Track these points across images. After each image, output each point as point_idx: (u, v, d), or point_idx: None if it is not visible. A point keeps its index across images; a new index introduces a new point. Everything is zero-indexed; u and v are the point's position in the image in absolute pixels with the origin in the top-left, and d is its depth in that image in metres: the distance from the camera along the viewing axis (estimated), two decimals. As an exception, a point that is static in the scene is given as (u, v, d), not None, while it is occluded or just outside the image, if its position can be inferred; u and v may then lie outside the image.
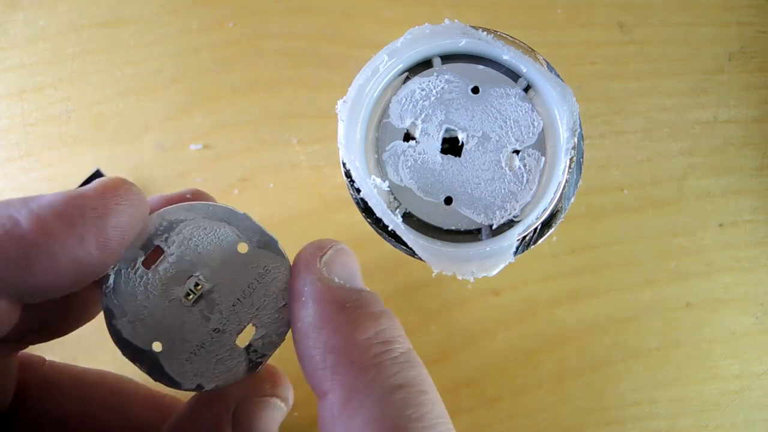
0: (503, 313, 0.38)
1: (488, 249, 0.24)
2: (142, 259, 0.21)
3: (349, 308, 0.20)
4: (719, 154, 0.39)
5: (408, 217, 0.25)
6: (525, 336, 0.37)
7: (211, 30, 0.39)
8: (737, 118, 0.39)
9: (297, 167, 0.38)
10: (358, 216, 0.25)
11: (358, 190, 0.25)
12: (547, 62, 0.25)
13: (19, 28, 0.40)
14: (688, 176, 0.39)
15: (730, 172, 0.39)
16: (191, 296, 0.22)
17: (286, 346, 0.22)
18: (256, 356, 0.22)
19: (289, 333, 0.22)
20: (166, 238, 0.22)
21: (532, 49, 0.25)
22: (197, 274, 0.22)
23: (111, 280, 0.21)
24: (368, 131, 0.26)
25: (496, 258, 0.24)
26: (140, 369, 0.21)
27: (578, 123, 0.24)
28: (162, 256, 0.22)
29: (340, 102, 0.25)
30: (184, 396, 0.24)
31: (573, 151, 0.24)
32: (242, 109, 0.39)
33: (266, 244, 0.23)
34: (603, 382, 0.37)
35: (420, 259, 0.25)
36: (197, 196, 0.24)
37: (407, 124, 0.25)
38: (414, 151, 0.25)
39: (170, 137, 0.39)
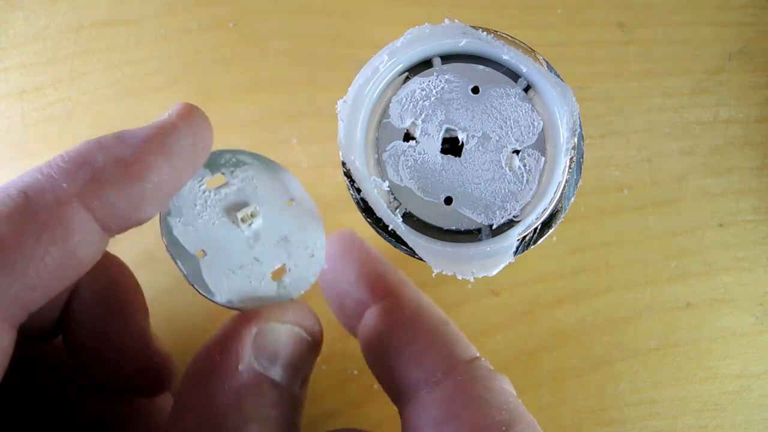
0: (503, 313, 0.38)
1: (488, 249, 0.24)
2: (208, 178, 0.24)
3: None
4: (719, 153, 0.39)
5: (408, 217, 0.25)
6: (525, 336, 0.37)
7: (211, 30, 0.39)
8: (738, 118, 0.39)
9: (297, 167, 0.38)
10: (358, 216, 0.25)
11: (358, 190, 0.25)
12: (547, 62, 0.25)
13: (19, 28, 0.40)
14: (688, 176, 0.39)
15: (730, 172, 0.39)
16: (246, 221, 0.24)
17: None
18: (284, 293, 0.25)
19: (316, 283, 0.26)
20: (232, 171, 0.25)
21: (532, 49, 0.25)
22: (254, 206, 0.25)
23: None
24: (368, 131, 0.26)
25: (496, 258, 0.24)
26: (180, 269, 0.23)
27: (578, 123, 0.24)
28: (225, 183, 0.25)
29: (340, 102, 0.25)
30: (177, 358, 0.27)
31: (573, 151, 0.24)
32: (242, 109, 0.39)
33: (310, 206, 0.26)
34: (603, 381, 0.37)
35: (420, 259, 0.25)
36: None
37: (407, 124, 0.25)
38: (414, 151, 0.25)
39: (170, 137, 0.39)
